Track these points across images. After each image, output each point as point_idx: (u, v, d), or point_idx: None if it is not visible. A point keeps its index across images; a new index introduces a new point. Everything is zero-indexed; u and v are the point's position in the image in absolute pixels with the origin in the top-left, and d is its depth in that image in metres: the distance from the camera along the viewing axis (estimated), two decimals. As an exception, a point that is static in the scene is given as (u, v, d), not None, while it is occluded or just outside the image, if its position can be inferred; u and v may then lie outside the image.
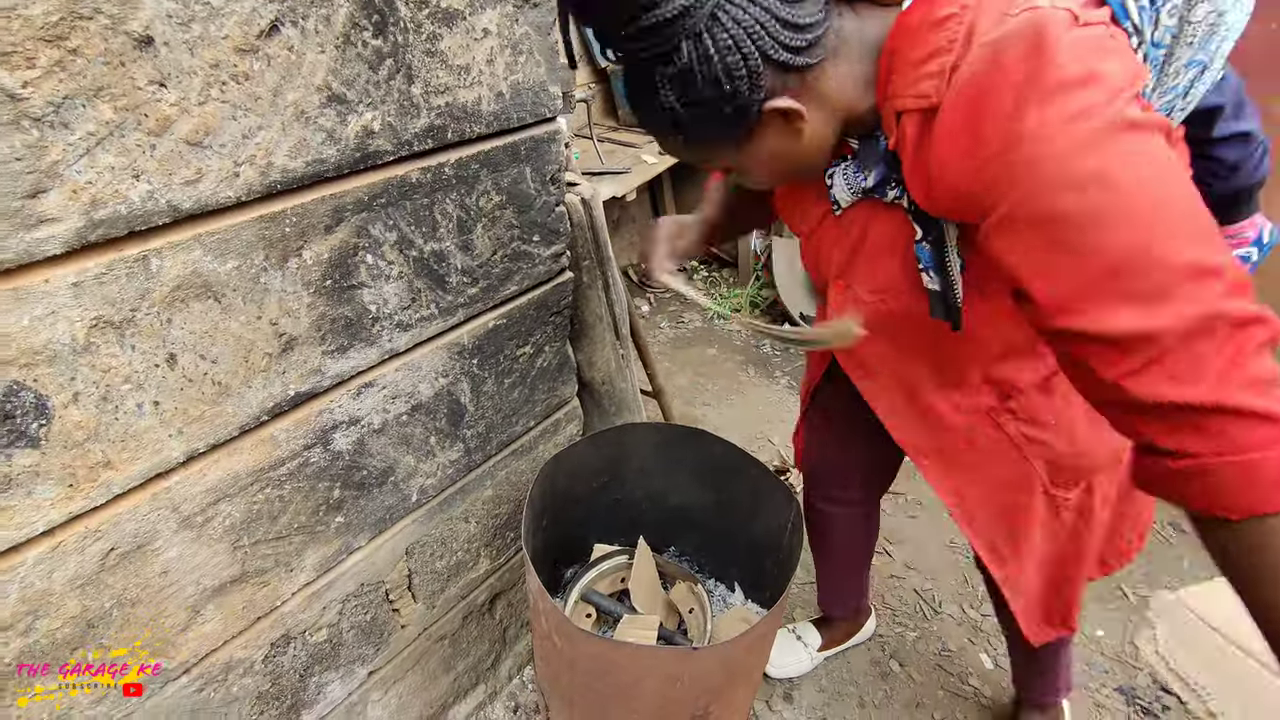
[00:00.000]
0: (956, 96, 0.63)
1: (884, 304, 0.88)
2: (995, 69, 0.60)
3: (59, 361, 0.67)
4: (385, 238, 0.93)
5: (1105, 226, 0.58)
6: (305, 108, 0.79)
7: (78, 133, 0.62)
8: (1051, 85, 0.58)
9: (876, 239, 0.84)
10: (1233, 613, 0.70)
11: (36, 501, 0.70)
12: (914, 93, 0.67)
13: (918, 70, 0.66)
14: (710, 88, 0.67)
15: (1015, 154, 0.59)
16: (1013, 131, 0.59)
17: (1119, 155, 0.57)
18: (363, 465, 1.03)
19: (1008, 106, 0.59)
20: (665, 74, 0.68)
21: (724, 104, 0.69)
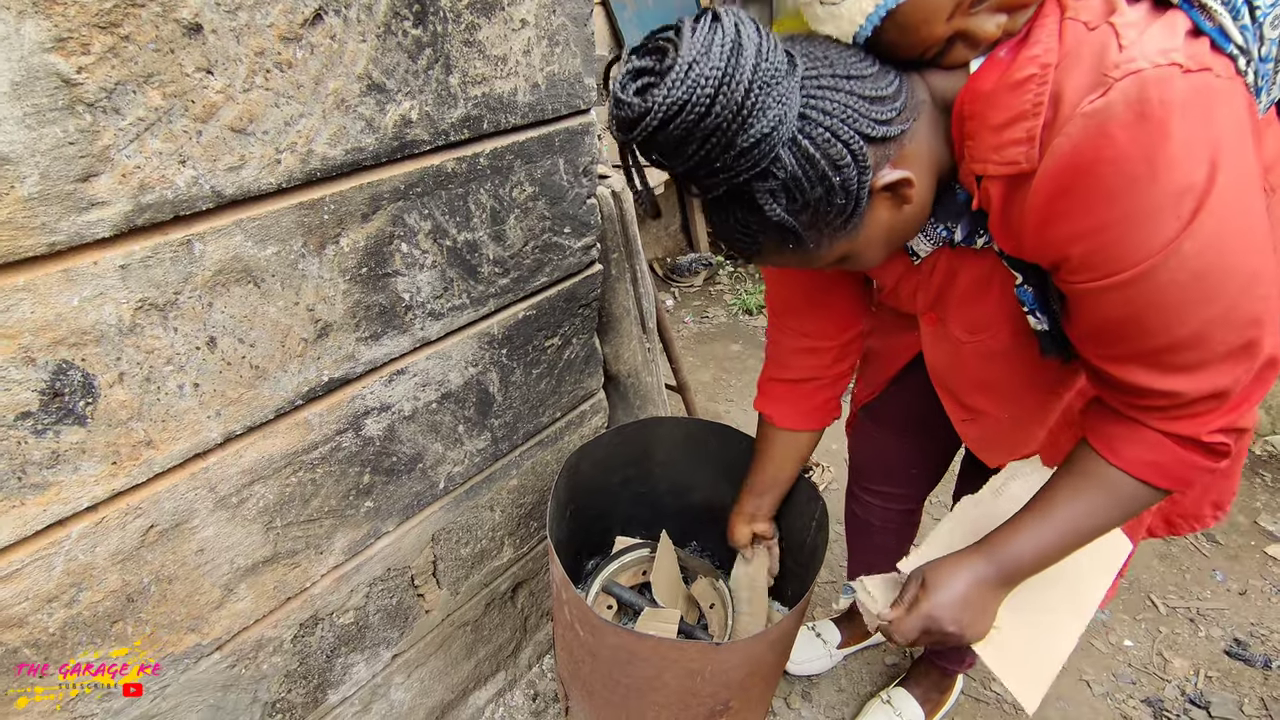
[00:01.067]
0: (1058, 167, 0.61)
1: (983, 344, 0.89)
2: (1103, 141, 0.58)
3: (105, 342, 0.69)
4: (420, 227, 0.94)
5: (1186, 310, 0.64)
6: (346, 96, 0.80)
7: (128, 118, 0.64)
8: (1163, 161, 0.58)
9: (969, 281, 0.84)
10: None
11: (82, 477, 0.72)
12: (1000, 158, 0.65)
13: (1000, 135, 0.64)
14: (820, 185, 0.65)
15: (1126, 233, 0.61)
16: (1124, 210, 0.60)
17: (1215, 241, 0.61)
18: (392, 451, 1.04)
19: (1119, 183, 0.59)
20: (769, 188, 0.65)
21: (836, 197, 0.66)
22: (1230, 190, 0.59)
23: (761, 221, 0.68)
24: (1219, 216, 0.60)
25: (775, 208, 0.66)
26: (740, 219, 0.69)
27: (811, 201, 0.66)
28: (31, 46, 0.57)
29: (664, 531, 1.44)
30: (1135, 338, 0.68)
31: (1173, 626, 1.74)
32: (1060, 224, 0.64)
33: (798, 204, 0.66)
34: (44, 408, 0.67)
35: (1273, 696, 1.57)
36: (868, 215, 0.70)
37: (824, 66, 0.65)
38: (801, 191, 0.65)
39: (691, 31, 0.60)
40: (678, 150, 0.62)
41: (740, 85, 0.59)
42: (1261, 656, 1.65)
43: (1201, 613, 1.77)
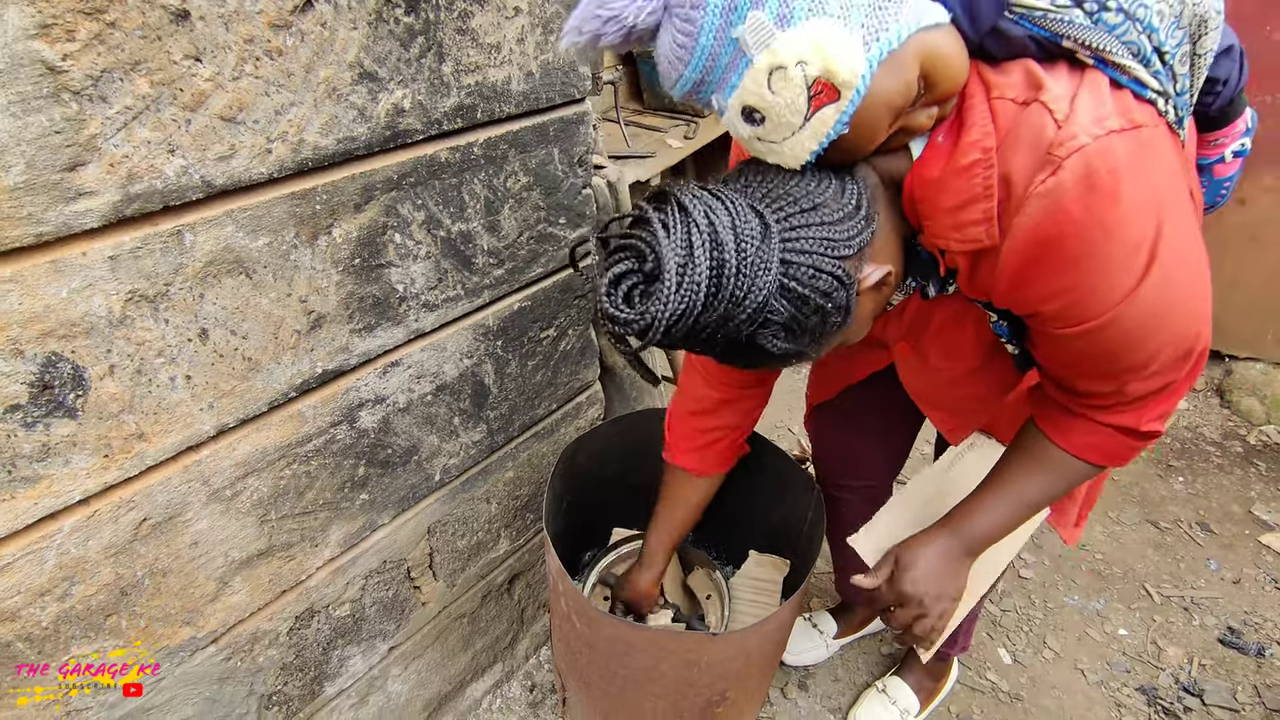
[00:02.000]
0: (1024, 243, 0.66)
1: (957, 369, 0.96)
2: (1061, 216, 0.63)
3: (96, 334, 0.68)
4: (414, 217, 0.93)
5: (1144, 339, 0.70)
6: (337, 85, 0.79)
7: (115, 106, 0.63)
8: (1114, 223, 0.63)
9: (944, 319, 0.90)
10: None
11: (74, 470, 0.71)
12: (961, 237, 0.69)
13: (956, 217, 0.68)
14: (816, 316, 0.68)
15: (1091, 289, 0.66)
16: (1087, 270, 0.65)
17: (1167, 282, 0.67)
18: (387, 444, 1.04)
19: (1080, 249, 0.64)
20: (770, 334, 0.68)
21: (832, 317, 0.69)
22: (1174, 234, 0.66)
23: (767, 358, 0.71)
24: (1169, 260, 0.66)
25: (778, 345, 0.69)
26: (746, 361, 0.73)
27: (809, 329, 0.69)
28: (15, 33, 0.56)
29: None
30: (1099, 364, 0.74)
31: (1167, 615, 1.75)
32: (1030, 288, 0.69)
33: (798, 335, 0.69)
34: (33, 400, 0.66)
35: (1265, 684, 1.58)
36: (856, 307, 0.74)
37: (789, 205, 0.68)
38: (800, 325, 0.68)
39: (665, 231, 0.63)
40: (680, 342, 0.67)
41: (730, 277, 0.63)
42: (1255, 645, 1.66)
43: (1195, 601, 1.78)
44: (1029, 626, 1.72)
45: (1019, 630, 1.71)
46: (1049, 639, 1.69)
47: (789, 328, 0.68)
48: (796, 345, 0.70)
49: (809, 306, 0.67)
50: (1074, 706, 1.54)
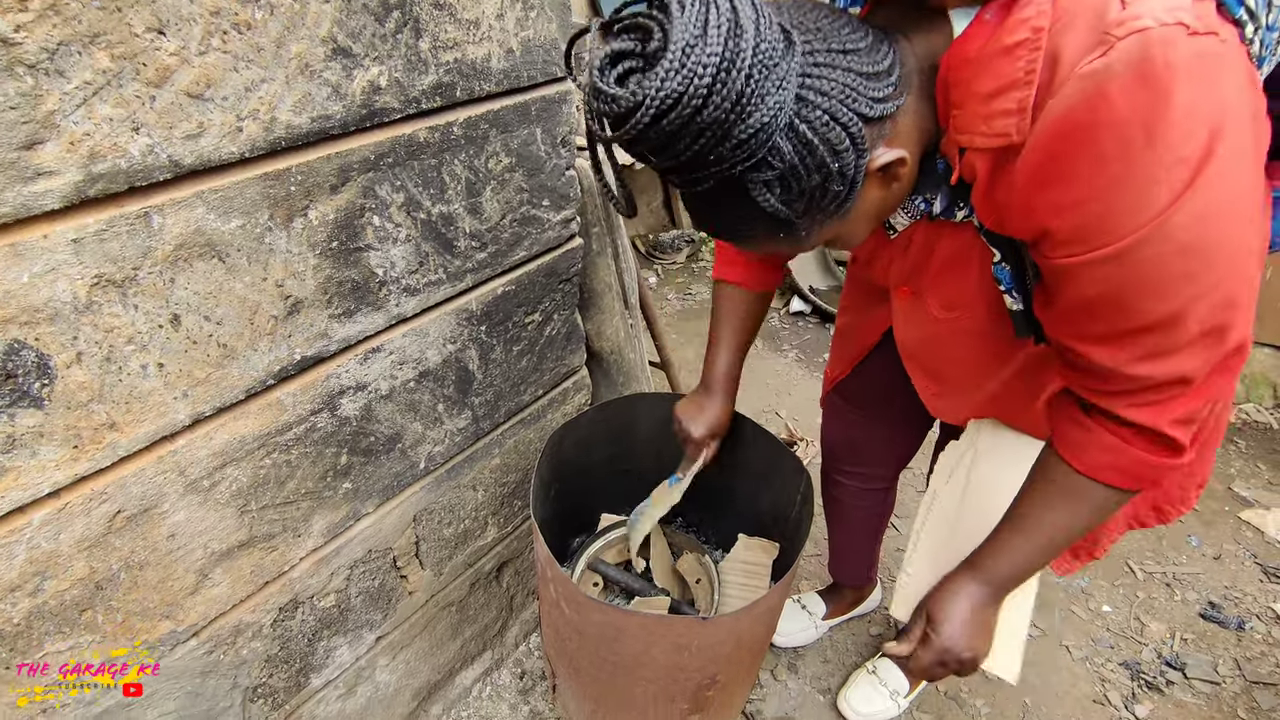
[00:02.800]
0: (1051, 132, 0.58)
1: (958, 321, 0.88)
2: (1100, 104, 0.55)
3: (60, 320, 0.66)
4: (392, 199, 0.91)
5: (1166, 288, 0.61)
6: (309, 60, 0.76)
7: (74, 81, 0.60)
8: (1161, 127, 0.54)
9: (947, 256, 0.81)
10: None
11: (41, 463, 0.69)
12: (988, 130, 0.62)
13: (989, 105, 0.61)
14: (817, 173, 0.61)
15: (1114, 203, 0.58)
16: (1115, 178, 0.57)
17: (1206, 216, 0.58)
18: (370, 431, 1.02)
19: (1112, 149, 0.56)
20: (764, 179, 0.60)
21: (833, 183, 0.62)
22: (1228, 162, 0.56)
23: (753, 213, 0.64)
24: (1213, 190, 0.57)
25: (769, 198, 0.62)
26: (729, 213, 0.66)
27: (807, 190, 0.62)
28: (-37, 2, 0.53)
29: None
30: (1111, 317, 0.66)
31: (1150, 591, 1.77)
32: (1048, 193, 0.61)
33: (793, 193, 0.62)
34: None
35: (1245, 657, 1.61)
36: (860, 195, 0.67)
37: (818, 40, 0.60)
38: (798, 180, 0.61)
39: (681, 9, 0.54)
40: (667, 147, 0.57)
41: (740, 72, 0.54)
42: (1235, 619, 1.69)
43: (1177, 577, 1.81)
44: (1015, 605, 1.74)
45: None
46: (1034, 617, 1.71)
47: (785, 179, 0.60)
48: (788, 207, 0.63)
49: (813, 159, 0.60)
50: (1059, 683, 1.56)
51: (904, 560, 1.09)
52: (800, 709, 1.50)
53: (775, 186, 0.61)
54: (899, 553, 1.87)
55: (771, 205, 0.62)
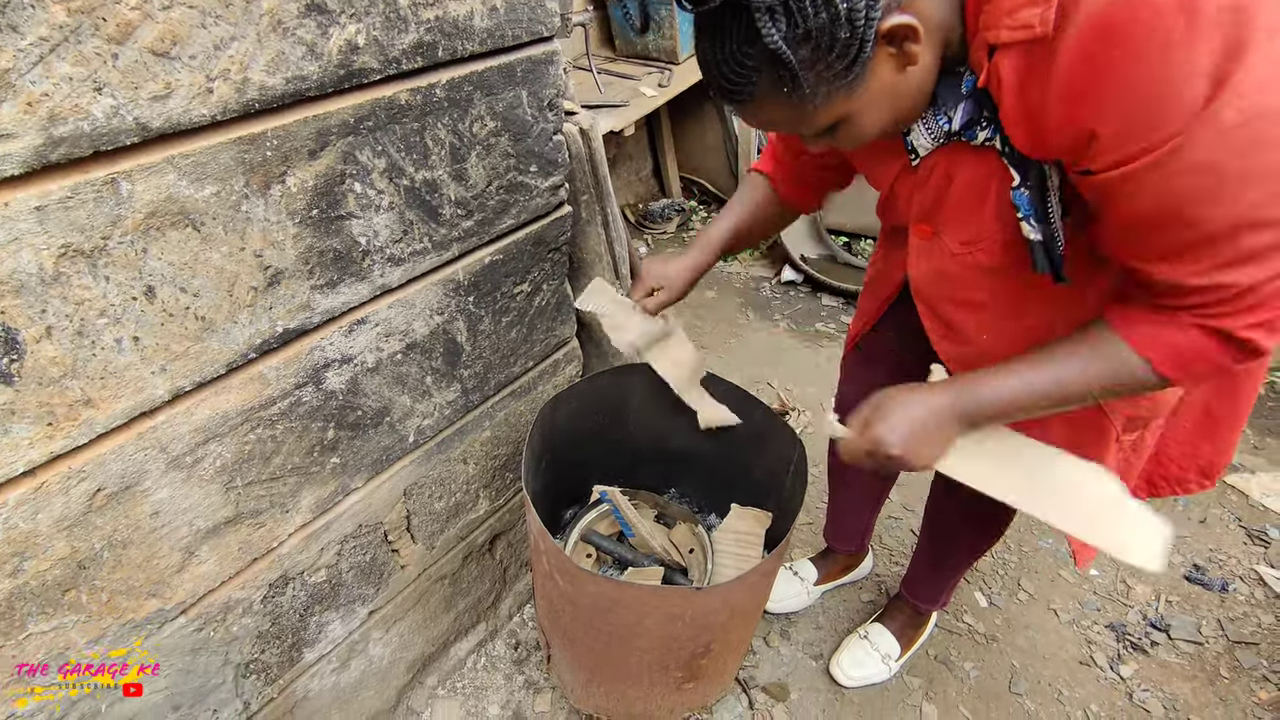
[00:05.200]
0: (1087, 30, 0.55)
1: (973, 256, 0.83)
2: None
3: (27, 293, 0.63)
4: (374, 165, 0.87)
5: (1226, 193, 0.58)
6: (282, 17, 0.72)
7: (29, 37, 0.56)
8: (1205, 21, 0.52)
9: (965, 185, 0.78)
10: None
11: (14, 441, 0.67)
12: (1013, 23, 0.59)
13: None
14: (824, 10, 0.59)
15: (1158, 101, 0.55)
16: (1157, 74, 0.54)
17: (1259, 104, 0.54)
18: (357, 405, 1.00)
19: (1152, 43, 0.53)
20: (766, 5, 0.59)
21: (839, 28, 0.60)
22: (1272, 52, 0.53)
23: (757, 53, 0.62)
24: (1263, 73, 0.53)
25: (773, 33, 0.60)
26: (733, 50, 0.64)
27: (813, 31, 0.60)
28: (-99, -51, 0.49)
29: (612, 489, 1.40)
30: (1172, 230, 0.62)
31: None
32: (1089, 95, 0.58)
33: (798, 31, 0.60)
34: (-38, 366, 0.61)
35: (1229, 618, 1.64)
36: (870, 70, 0.65)
37: None
38: (803, 15, 0.59)
39: None
40: None
41: None
42: (1219, 581, 1.72)
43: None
44: (1004, 570, 1.76)
45: (994, 574, 1.74)
46: (1023, 581, 1.73)
47: (790, 8, 0.59)
48: (791, 47, 0.61)
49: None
50: (1047, 645, 1.59)
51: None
52: (793, 674, 1.52)
53: (780, 16, 0.59)
54: (890, 519, 1.88)
55: (775, 41, 0.60)
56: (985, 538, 1.31)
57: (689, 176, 3.58)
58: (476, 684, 1.48)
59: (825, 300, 2.84)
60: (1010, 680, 1.52)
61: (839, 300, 2.82)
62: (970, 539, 1.32)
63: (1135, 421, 0.92)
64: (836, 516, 1.59)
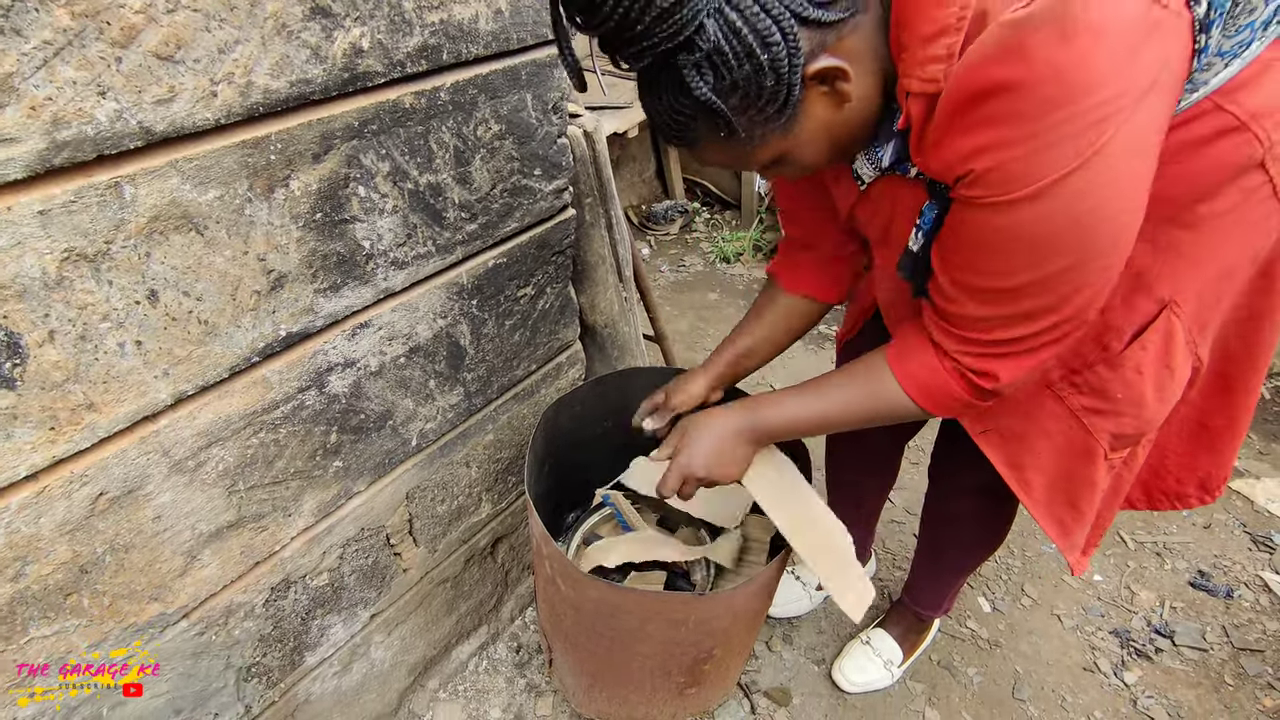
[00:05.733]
0: (965, 78, 0.58)
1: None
2: (1017, 57, 0.55)
3: (30, 297, 0.63)
4: (378, 168, 0.87)
5: (1047, 251, 0.64)
6: (286, 20, 0.72)
7: (33, 41, 0.56)
8: (1079, 87, 0.55)
9: (906, 212, 0.81)
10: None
11: (17, 445, 0.66)
12: (923, 75, 0.62)
13: (925, 49, 0.61)
14: (747, 62, 0.61)
15: (1029, 154, 0.59)
16: (1031, 131, 0.57)
17: (1100, 186, 0.59)
18: (360, 409, 1.00)
19: (1029, 105, 0.56)
20: (692, 61, 0.61)
21: (763, 78, 0.62)
22: (1133, 138, 0.58)
23: (691, 104, 0.64)
24: (1113, 162, 0.58)
25: (701, 86, 0.62)
26: (669, 101, 0.66)
27: (739, 82, 0.62)
28: (-94, -47, 0.49)
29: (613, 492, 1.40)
30: (990, 272, 0.69)
31: (1140, 560, 1.79)
32: (963, 139, 0.61)
33: (725, 83, 0.62)
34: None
35: (1234, 624, 1.63)
36: (802, 110, 0.67)
37: None
38: (728, 68, 0.61)
39: None
40: (593, 8, 0.58)
41: None
42: (1224, 587, 1.71)
43: (1167, 546, 1.82)
44: (1008, 575, 1.75)
45: (998, 579, 1.74)
46: (1027, 587, 1.72)
47: (714, 64, 0.61)
48: (720, 97, 0.63)
49: (741, 46, 0.60)
50: (1050, 651, 1.58)
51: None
52: (795, 679, 1.51)
53: (706, 71, 0.62)
54: (893, 524, 1.88)
55: (704, 94, 0.63)
56: (982, 547, 1.30)
57: (692, 178, 3.58)
58: (478, 687, 1.47)
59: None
60: (1013, 686, 1.51)
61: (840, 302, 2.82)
62: (967, 548, 1.31)
63: (1121, 440, 0.91)
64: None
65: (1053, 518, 1.00)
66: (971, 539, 1.29)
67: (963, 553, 1.33)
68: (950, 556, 1.35)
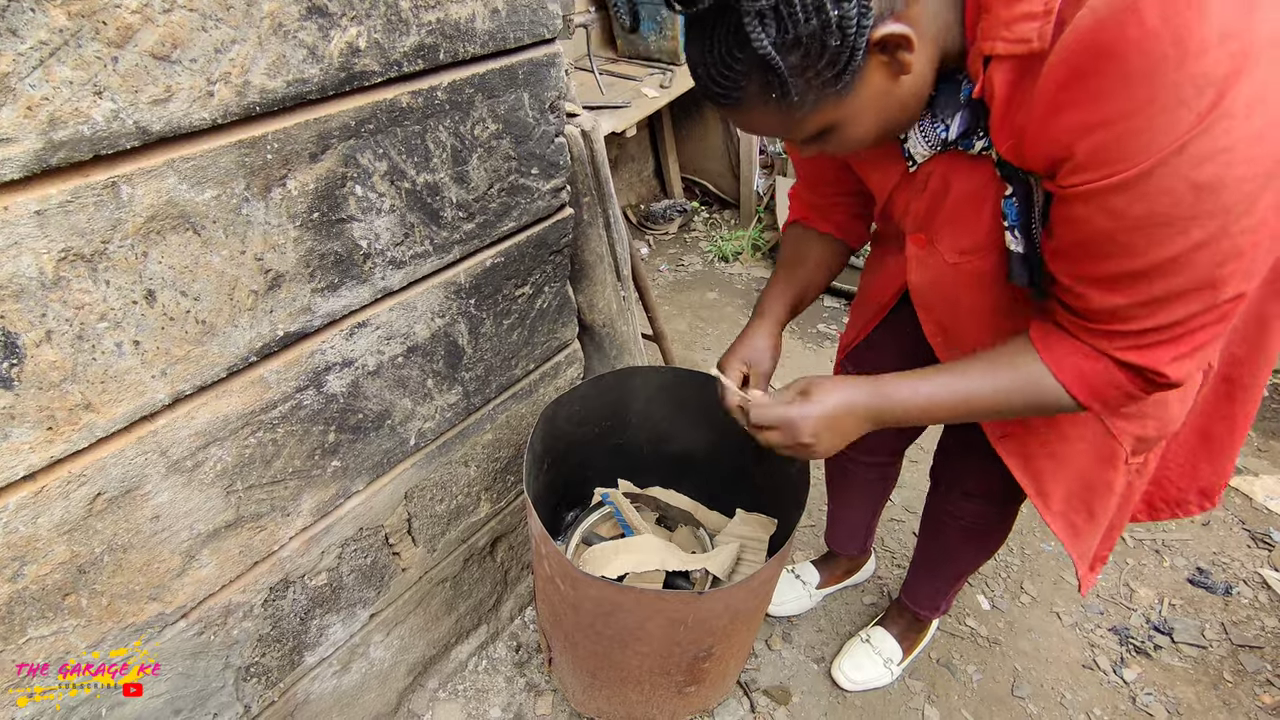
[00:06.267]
0: (1077, 45, 0.55)
1: (970, 265, 0.83)
2: (1131, 18, 0.52)
3: (27, 297, 0.63)
4: (375, 168, 0.87)
5: (1174, 229, 0.59)
6: (283, 20, 0.72)
7: (28, 41, 0.56)
8: (1194, 43, 0.51)
9: (961, 194, 0.77)
10: None
11: (14, 445, 0.66)
12: (1010, 35, 0.59)
13: (1013, 8, 0.58)
14: (815, 16, 0.57)
15: (1140, 124, 0.55)
16: (1143, 98, 0.54)
17: (1225, 149, 0.54)
18: (358, 408, 1.00)
19: (1142, 67, 0.53)
20: (756, 9, 0.57)
21: (829, 36, 0.58)
22: (1255, 94, 0.53)
23: (746, 58, 0.61)
24: (1235, 121, 0.53)
25: (762, 37, 0.58)
26: (722, 53, 0.62)
27: (803, 38, 0.59)
28: (-99, -47, 0.49)
29: (614, 490, 1.40)
30: (1114, 257, 0.63)
31: (1139, 558, 1.79)
32: (1070, 113, 0.58)
33: (788, 36, 0.59)
34: (-38, 371, 0.61)
35: (1232, 621, 1.63)
36: (861, 78, 0.64)
37: None
38: (794, 21, 0.58)
39: None
40: None
41: None
42: (1223, 584, 1.71)
43: (1166, 544, 1.82)
44: (1007, 573, 1.75)
45: (997, 577, 1.74)
46: (1026, 584, 1.72)
47: (780, 13, 0.57)
48: (780, 52, 0.59)
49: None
50: (1049, 648, 1.58)
51: None
52: (794, 677, 1.52)
53: (769, 21, 0.58)
54: (893, 522, 1.88)
55: (764, 46, 0.59)
56: (981, 552, 1.30)
57: (691, 177, 3.58)
58: (478, 686, 1.48)
59: (827, 301, 2.83)
60: (1013, 684, 1.51)
61: (840, 301, 2.82)
62: (966, 552, 1.31)
63: (1144, 443, 0.90)
64: (837, 520, 1.58)
65: (1067, 523, 0.99)
66: (971, 543, 1.29)
67: (962, 556, 1.33)
68: (949, 560, 1.35)
